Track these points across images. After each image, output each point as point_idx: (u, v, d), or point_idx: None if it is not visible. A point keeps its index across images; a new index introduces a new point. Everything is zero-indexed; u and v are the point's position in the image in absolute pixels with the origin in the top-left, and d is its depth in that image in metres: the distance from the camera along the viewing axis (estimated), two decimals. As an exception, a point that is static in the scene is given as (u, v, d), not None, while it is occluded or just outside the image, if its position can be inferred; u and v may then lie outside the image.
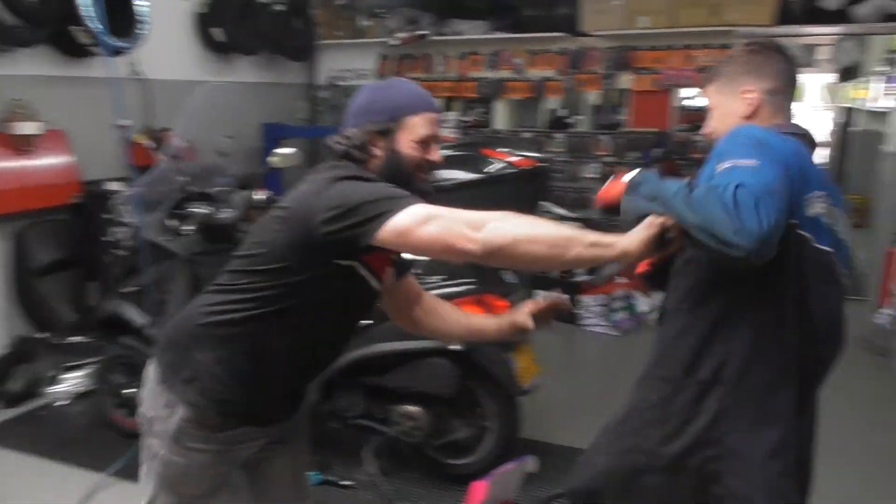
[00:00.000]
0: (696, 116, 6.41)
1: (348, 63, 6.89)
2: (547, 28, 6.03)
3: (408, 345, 3.02)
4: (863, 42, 8.38)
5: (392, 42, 6.36)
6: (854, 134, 9.68)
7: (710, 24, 5.44)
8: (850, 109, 10.69)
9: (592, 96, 6.42)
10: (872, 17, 5.08)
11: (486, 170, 2.86)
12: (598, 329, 5.34)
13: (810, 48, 8.64)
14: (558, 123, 6.40)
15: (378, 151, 1.70)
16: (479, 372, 3.08)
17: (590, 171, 6.21)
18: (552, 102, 6.50)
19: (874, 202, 7.86)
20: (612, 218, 1.70)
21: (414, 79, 6.12)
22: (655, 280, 1.93)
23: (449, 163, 2.92)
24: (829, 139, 15.21)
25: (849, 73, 10.28)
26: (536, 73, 6.28)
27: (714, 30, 5.49)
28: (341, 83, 6.94)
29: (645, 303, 5.52)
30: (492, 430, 3.17)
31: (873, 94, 8.52)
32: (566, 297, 2.07)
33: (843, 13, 5.17)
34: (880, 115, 7.72)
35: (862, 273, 5.88)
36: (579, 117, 6.32)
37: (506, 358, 3.02)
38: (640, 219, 1.53)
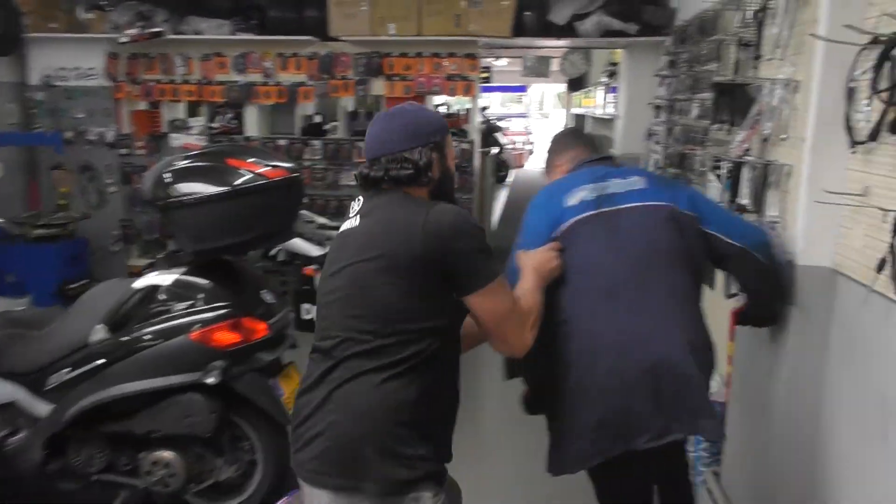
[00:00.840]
0: (449, 123, 6.58)
1: (68, 60, 6.07)
2: (295, 31, 5.81)
3: (152, 383, 2.65)
4: (588, 55, 9.24)
5: (121, 39, 5.71)
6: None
7: (453, 33, 5.61)
8: (582, 116, 11.76)
9: (347, 102, 6.33)
10: (594, 32, 5.57)
11: (233, 182, 2.58)
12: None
13: (545, 59, 9.33)
14: (314, 130, 6.21)
15: (436, 171, 1.69)
16: (241, 404, 2.79)
17: (349, 178, 6.10)
18: (307, 108, 6.29)
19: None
20: None
21: (152, 81, 5.68)
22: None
23: (190, 175, 2.64)
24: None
25: (577, 84, 11.33)
26: (287, 77, 6.03)
27: (458, 39, 5.67)
28: (60, 83, 6.10)
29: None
30: (261, 464, 2.90)
31: (598, 102, 9.45)
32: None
33: (570, 27, 5.61)
34: (607, 121, 8.57)
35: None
36: (335, 124, 6.18)
37: (270, 385, 2.77)
38: None
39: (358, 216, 1.70)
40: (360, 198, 1.75)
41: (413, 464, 1.59)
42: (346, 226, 1.74)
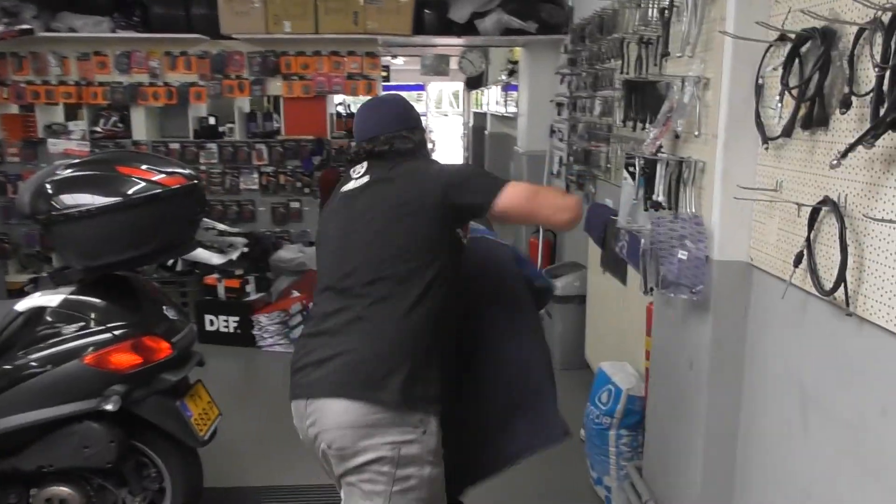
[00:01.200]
0: (351, 123, 6.45)
1: (-72, 62, 5.53)
2: (183, 29, 5.51)
3: (40, 414, 2.41)
4: (486, 53, 9.31)
5: (-13, 38, 5.25)
6: (489, 136, 10.74)
7: (352, 31, 5.48)
8: (483, 114, 11.85)
9: (243, 103, 6.08)
10: (494, 30, 5.59)
11: (125, 192, 2.37)
12: (277, 348, 5.03)
13: (444, 58, 9.34)
14: (209, 132, 5.93)
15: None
16: (145, 428, 2.59)
17: (250, 182, 5.86)
18: (200, 110, 5.99)
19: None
20: None
21: (23, 82, 5.25)
22: None
23: (75, 186, 2.41)
24: (464, 141, 16.87)
25: (476, 82, 11.41)
26: (177, 77, 5.72)
27: (357, 37, 5.55)
28: (-80, 87, 5.55)
29: (319, 314, 5.37)
30: (170, 491, 2.70)
31: (498, 100, 9.54)
32: None
33: (470, 26, 5.61)
34: (507, 119, 8.66)
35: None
36: (232, 125, 5.92)
37: (177, 408, 2.58)
38: None
39: (367, 177, 1.99)
40: (362, 166, 2.02)
41: (429, 384, 1.85)
42: (351, 186, 2.02)
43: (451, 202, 1.87)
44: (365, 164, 2.01)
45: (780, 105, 1.73)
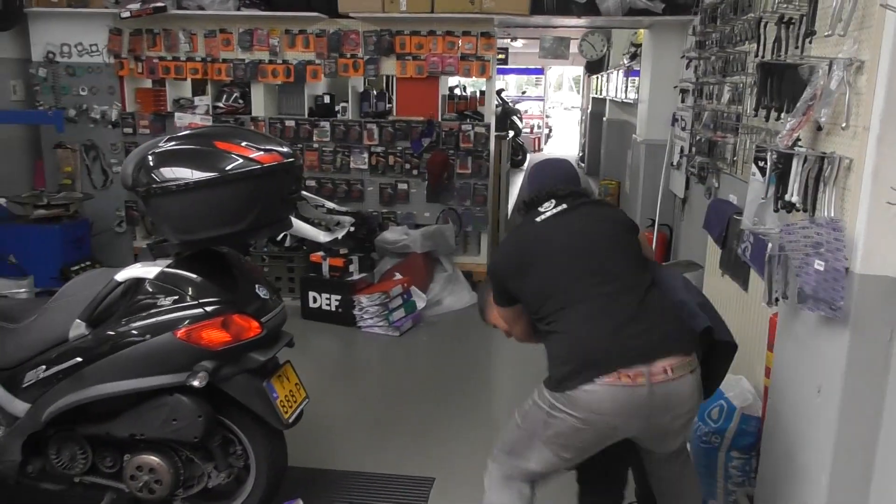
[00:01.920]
0: (463, 105, 6.34)
1: (71, 36, 5.86)
2: (303, 7, 5.56)
3: (134, 383, 2.44)
4: (608, 36, 8.91)
5: (123, 14, 5.49)
6: (607, 122, 10.34)
7: (468, 10, 5.34)
8: (601, 100, 11.44)
9: (357, 82, 6.08)
10: (616, 10, 5.29)
11: (223, 168, 2.35)
12: (376, 330, 5.02)
13: (563, 41, 9.02)
14: (324, 111, 5.98)
15: None
16: (233, 406, 2.59)
17: (360, 161, 5.86)
18: (317, 88, 6.05)
19: (624, 186, 8.42)
20: None
21: (156, 58, 5.46)
22: None
23: (175, 159, 2.41)
24: (581, 127, 16.43)
25: (597, 66, 11.00)
26: (295, 55, 5.78)
27: (473, 17, 5.40)
28: (63, 59, 5.90)
29: (423, 299, 5.31)
30: (254, 470, 2.69)
31: (619, 85, 9.13)
32: None
33: (591, 5, 5.33)
34: (627, 106, 8.27)
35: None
36: (345, 104, 5.94)
37: (263, 388, 2.55)
38: None
39: (565, 209, 2.31)
40: (555, 201, 2.34)
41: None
42: (552, 213, 2.31)
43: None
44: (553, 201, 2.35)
45: (953, 94, 1.44)
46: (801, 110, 1.95)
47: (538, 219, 2.30)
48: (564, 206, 2.30)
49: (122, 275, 2.48)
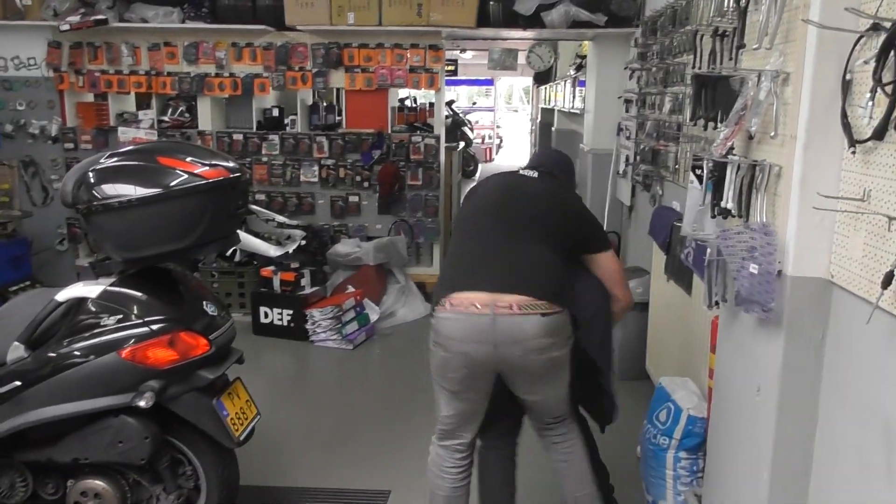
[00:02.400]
0: (413, 117, 6.36)
1: (7, 49, 5.72)
2: (249, 20, 5.52)
3: (77, 406, 2.38)
4: (555, 47, 9.06)
5: (62, 27, 5.37)
6: (556, 132, 10.49)
7: (415, 23, 5.38)
8: (550, 110, 11.60)
9: (306, 95, 6.06)
10: (561, 23, 5.39)
11: (167, 183, 2.32)
12: (329, 344, 4.99)
13: (512, 52, 9.13)
14: (273, 124, 5.93)
15: None
16: (181, 425, 2.54)
17: (310, 174, 5.83)
18: (264, 101, 6.01)
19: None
20: None
21: (98, 72, 5.35)
22: None
23: (117, 176, 2.37)
24: (531, 137, 16.63)
25: (544, 77, 11.17)
26: (242, 68, 5.74)
27: (421, 30, 5.45)
28: (0, 74, 5.74)
29: (376, 311, 5.30)
30: (205, 491, 2.65)
31: (566, 95, 9.27)
32: None
33: (537, 18, 5.42)
34: (575, 116, 8.40)
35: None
36: (294, 117, 5.91)
37: (213, 406, 2.51)
38: None
39: (532, 175, 2.59)
40: (535, 170, 2.63)
41: None
42: (523, 172, 2.63)
43: None
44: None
45: (871, 104, 1.50)
46: (734, 120, 2.02)
47: (515, 172, 2.64)
48: (535, 174, 2.58)
49: (63, 294, 2.42)
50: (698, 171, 2.24)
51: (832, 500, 1.85)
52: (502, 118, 22.40)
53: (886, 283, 1.46)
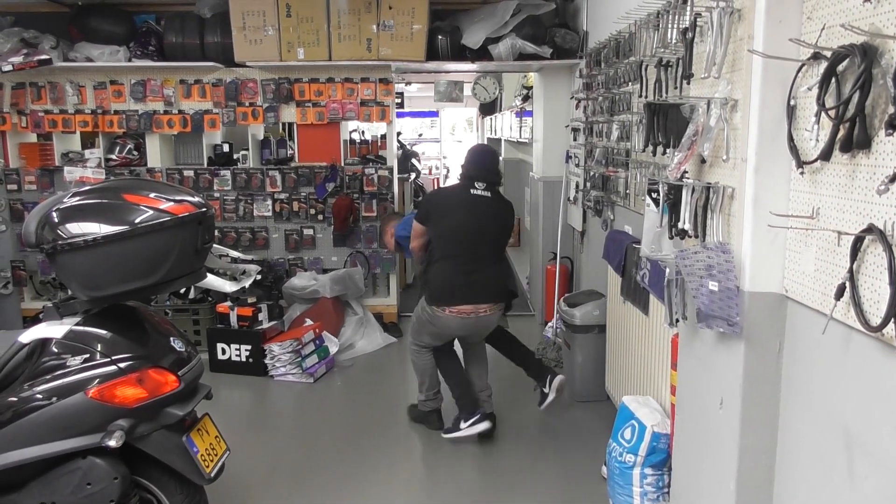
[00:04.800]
0: (366, 149, 6.42)
1: (-54, 92, 5.57)
2: (197, 57, 5.52)
3: (43, 449, 2.32)
4: (500, 79, 9.28)
5: (4, 68, 5.27)
6: (504, 162, 10.69)
7: (365, 58, 5.46)
8: (496, 140, 11.81)
9: (257, 130, 6.06)
10: (508, 56, 5.55)
11: (132, 220, 2.30)
12: (289, 378, 4.94)
13: (458, 84, 9.32)
14: (223, 159, 5.91)
15: None
16: (151, 465, 2.50)
17: (263, 208, 5.82)
18: (214, 137, 5.98)
19: (524, 222, 8.69)
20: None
21: (41, 112, 5.26)
22: None
23: (81, 214, 2.35)
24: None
25: (489, 108, 11.40)
26: (191, 105, 5.72)
27: (370, 64, 5.53)
28: (-63, 116, 5.59)
29: (335, 343, 5.28)
30: (175, 528, 2.59)
31: (512, 125, 9.49)
32: None
33: (484, 51, 5.56)
34: (522, 145, 8.59)
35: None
36: (246, 152, 5.90)
37: (183, 443, 2.48)
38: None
39: (487, 196, 3.81)
40: (485, 185, 3.83)
41: None
42: (480, 193, 3.80)
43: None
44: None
45: (816, 127, 1.63)
46: (686, 145, 2.14)
47: (472, 191, 3.78)
48: (488, 193, 3.79)
49: (27, 336, 2.37)
50: (654, 195, 2.35)
51: (798, 504, 1.94)
52: (448, 149, 22.67)
53: (839, 294, 1.57)
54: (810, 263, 1.77)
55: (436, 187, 18.57)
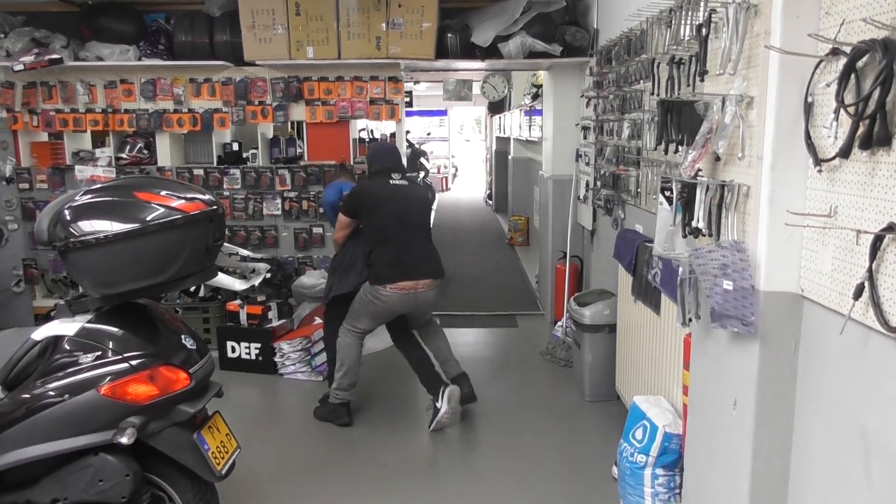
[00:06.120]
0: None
1: (-42, 91, 5.59)
2: (206, 56, 5.52)
3: (56, 446, 2.32)
4: (509, 77, 9.26)
5: (16, 67, 5.29)
6: (513, 161, 10.67)
7: (375, 56, 5.46)
8: (505, 139, 11.79)
9: (266, 129, 6.06)
10: (517, 54, 5.53)
11: (144, 218, 2.31)
12: (299, 376, 4.94)
13: (467, 83, 9.31)
14: (233, 158, 5.91)
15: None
16: (162, 462, 2.50)
17: (273, 207, 5.82)
18: (224, 136, 5.99)
19: (533, 221, 8.66)
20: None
21: (52, 111, 5.28)
22: None
23: (93, 212, 2.35)
24: (486, 166, 16.83)
25: (498, 107, 11.38)
26: (201, 103, 5.72)
27: (379, 62, 5.53)
28: (-49, 116, 5.61)
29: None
30: (186, 525, 2.59)
31: (521, 124, 9.45)
32: None
33: (493, 49, 5.55)
34: (531, 144, 8.56)
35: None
36: (255, 151, 5.90)
37: (194, 441, 2.48)
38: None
39: (404, 184, 4.21)
40: (399, 175, 4.23)
41: None
42: (397, 182, 4.19)
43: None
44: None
45: (835, 124, 1.61)
46: (700, 143, 2.12)
47: (391, 182, 4.16)
48: (404, 181, 4.21)
49: (39, 333, 2.38)
50: (667, 193, 2.33)
51: (813, 505, 1.91)
52: (456, 148, 22.65)
53: (857, 294, 1.55)
54: (827, 263, 1.75)
55: (445, 186, 18.57)
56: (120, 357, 2.37)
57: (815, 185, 1.82)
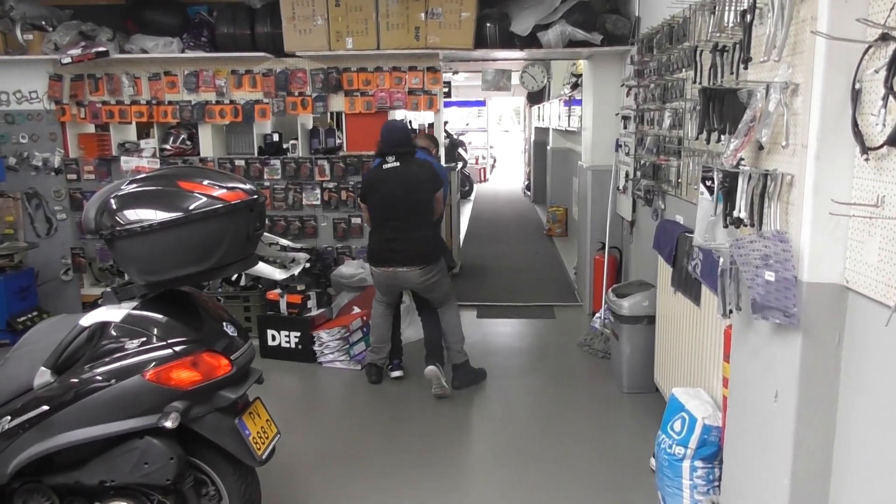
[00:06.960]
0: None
1: (8, 84, 5.77)
2: (248, 47, 5.60)
3: (103, 429, 2.39)
4: (548, 67, 9.18)
5: (64, 60, 5.43)
6: (551, 151, 10.59)
7: (413, 46, 5.47)
8: (544, 129, 11.70)
9: (306, 120, 6.13)
10: (557, 43, 5.49)
11: (187, 207, 2.36)
12: (337, 365, 5.00)
13: (505, 73, 9.26)
14: (273, 149, 5.99)
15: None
16: (204, 446, 2.56)
17: (312, 197, 5.88)
18: (264, 127, 6.07)
19: (572, 212, 8.60)
20: None
21: (99, 103, 5.41)
22: None
23: (138, 201, 2.41)
24: (525, 156, 16.75)
25: (537, 97, 11.30)
26: (242, 95, 5.81)
27: (418, 52, 5.53)
28: (2, 107, 5.79)
29: (380, 331, 5.31)
30: (228, 509, 2.66)
31: (560, 114, 9.38)
32: None
33: (532, 38, 5.51)
34: (571, 134, 8.49)
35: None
36: (295, 142, 5.97)
37: (235, 426, 2.53)
38: None
39: (397, 165, 4.37)
40: (395, 157, 4.37)
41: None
42: (390, 165, 4.38)
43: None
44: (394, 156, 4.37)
45: (883, 111, 1.57)
46: (743, 131, 2.08)
47: (384, 166, 4.38)
48: (398, 163, 4.35)
49: (87, 319, 2.45)
50: (708, 183, 2.29)
51: (854, 502, 1.88)
52: (495, 138, 22.55)
53: (905, 284, 1.51)
54: (874, 253, 1.70)
55: (483, 177, 18.54)
56: (164, 343, 2.43)
57: (861, 174, 1.77)
